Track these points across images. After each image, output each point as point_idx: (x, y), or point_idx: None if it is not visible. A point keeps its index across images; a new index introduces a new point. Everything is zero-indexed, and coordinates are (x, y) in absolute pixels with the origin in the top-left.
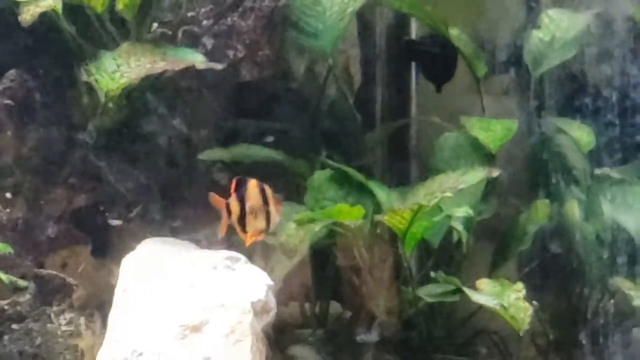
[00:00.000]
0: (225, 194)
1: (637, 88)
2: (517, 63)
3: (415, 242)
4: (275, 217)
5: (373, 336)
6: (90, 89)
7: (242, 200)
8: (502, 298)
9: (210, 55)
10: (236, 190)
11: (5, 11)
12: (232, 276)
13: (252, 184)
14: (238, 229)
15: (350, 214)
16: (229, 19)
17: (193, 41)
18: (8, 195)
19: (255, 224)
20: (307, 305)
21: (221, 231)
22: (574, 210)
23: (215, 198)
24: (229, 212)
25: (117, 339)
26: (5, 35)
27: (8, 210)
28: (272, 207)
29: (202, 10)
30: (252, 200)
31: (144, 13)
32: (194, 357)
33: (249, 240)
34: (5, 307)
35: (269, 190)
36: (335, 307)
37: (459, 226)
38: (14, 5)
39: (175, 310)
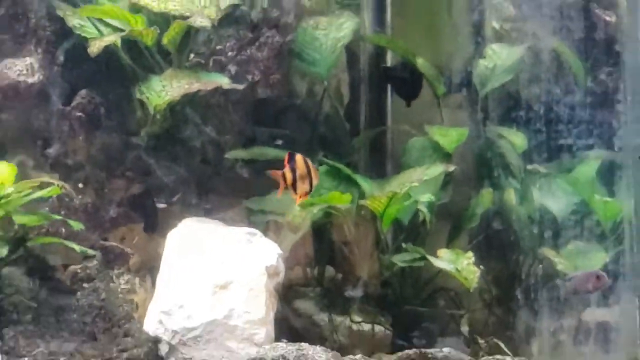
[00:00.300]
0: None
1: (559, 104)
2: (468, 84)
3: (391, 221)
4: (315, 182)
5: (358, 292)
6: (143, 104)
7: (293, 170)
8: (457, 263)
9: (233, 78)
10: (288, 162)
11: (77, 45)
12: (250, 247)
13: (299, 158)
14: (291, 191)
15: (341, 200)
16: (248, 51)
17: (220, 68)
18: (80, 185)
19: (303, 187)
20: (308, 270)
21: (279, 193)
22: (511, 196)
23: (273, 172)
24: (285, 180)
25: (163, 295)
26: (77, 63)
27: (80, 197)
28: (313, 175)
29: (228, 44)
30: (300, 170)
31: (183, 46)
32: (222, 308)
33: (299, 199)
34: (78, 271)
35: (310, 162)
36: (330, 270)
37: (423, 209)
38: (84, 40)
39: (207, 273)
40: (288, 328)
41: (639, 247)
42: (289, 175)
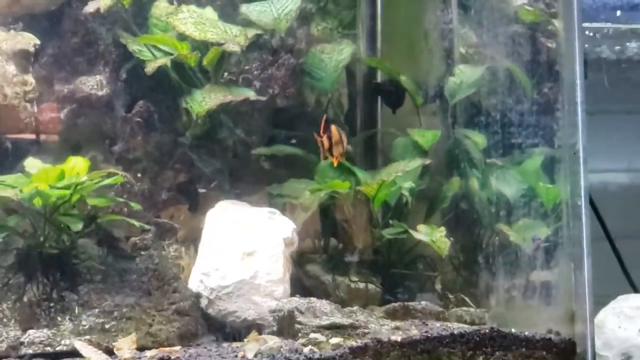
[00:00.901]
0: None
1: (511, 111)
2: (440, 96)
3: (380, 203)
4: (347, 146)
5: (355, 258)
6: (187, 112)
7: (329, 138)
8: (432, 236)
9: (258, 91)
10: (324, 132)
11: (136, 65)
12: (271, 223)
13: (334, 128)
14: (329, 154)
15: (342, 186)
16: (269, 70)
17: (248, 83)
18: (138, 175)
19: (338, 150)
20: (316, 241)
21: (321, 158)
22: (474, 184)
23: (316, 136)
24: (323, 145)
25: (203, 260)
26: (136, 79)
27: (139, 184)
28: (344, 140)
29: (253, 65)
30: (335, 136)
31: (219, 66)
32: (249, 270)
33: (335, 161)
34: (137, 242)
35: (342, 131)
36: (333, 241)
37: (406, 193)
38: (141, 62)
39: (237, 243)
40: (300, 286)
41: (573, 223)
42: (326, 142)
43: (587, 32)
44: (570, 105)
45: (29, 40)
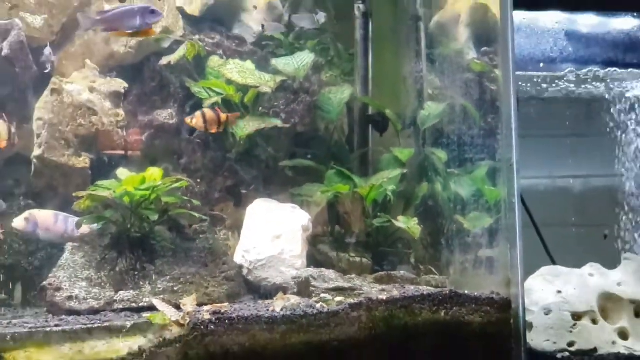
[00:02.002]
0: None
1: (465, 135)
2: (414, 124)
3: (371, 200)
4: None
5: (353, 240)
6: (233, 135)
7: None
8: (408, 224)
9: (284, 120)
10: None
11: (197, 102)
12: (293, 215)
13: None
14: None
15: (343, 188)
16: (292, 105)
17: (276, 115)
18: (198, 180)
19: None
20: (325, 227)
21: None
22: (438, 187)
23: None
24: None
25: (244, 241)
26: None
27: (198, 187)
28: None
29: (280, 101)
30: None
31: (255, 103)
32: (277, 248)
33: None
34: (197, 228)
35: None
36: (337, 228)
37: (389, 193)
38: (201, 99)
39: (269, 229)
40: (314, 260)
41: (509, 215)
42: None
43: (519, 79)
44: (507, 130)
45: (120, 84)
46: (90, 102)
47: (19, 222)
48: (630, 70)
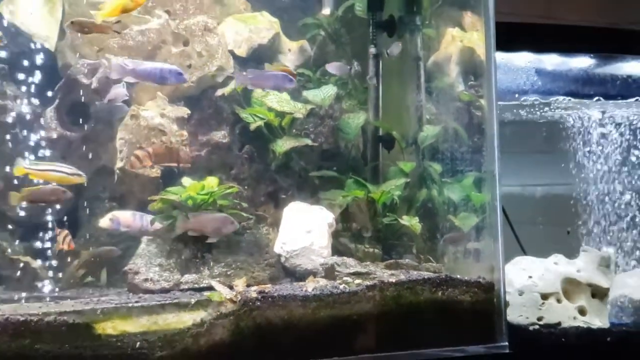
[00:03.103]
0: None
1: (456, 151)
2: (415, 143)
3: (382, 203)
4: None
5: (367, 235)
6: (273, 152)
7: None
8: (411, 221)
9: (313, 140)
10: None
11: (244, 125)
12: (321, 214)
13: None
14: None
15: (360, 193)
16: (319, 128)
17: (307, 135)
18: (246, 187)
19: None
20: (345, 224)
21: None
22: (434, 192)
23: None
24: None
25: (282, 236)
26: (244, 133)
27: (245, 192)
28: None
29: (310, 125)
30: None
31: (291, 126)
32: (308, 241)
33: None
34: (245, 225)
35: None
36: (355, 225)
37: (396, 197)
38: (248, 123)
39: (301, 226)
40: (336, 251)
41: (491, 215)
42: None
43: (499, 107)
44: (490, 148)
45: (184, 111)
46: (161, 125)
47: (104, 222)
48: (585, 100)
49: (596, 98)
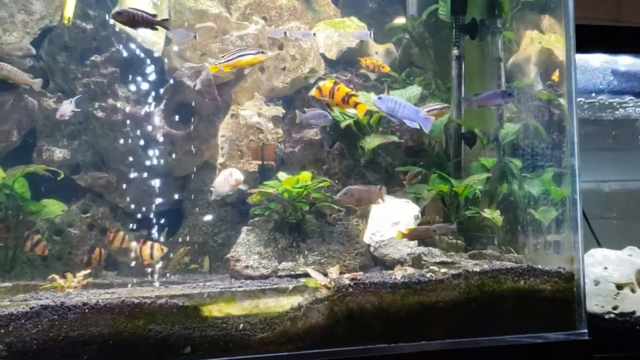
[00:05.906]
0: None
1: (536, 148)
2: (496, 140)
3: (464, 196)
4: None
5: (451, 226)
6: (362, 148)
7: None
8: (492, 214)
9: (399, 137)
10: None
11: (335, 123)
12: (407, 207)
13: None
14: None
15: (444, 188)
16: (404, 126)
17: (393, 133)
18: (336, 181)
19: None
20: (428, 216)
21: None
22: (515, 187)
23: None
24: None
25: (371, 227)
26: (336, 131)
27: (336, 186)
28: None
29: (396, 124)
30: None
31: (378, 124)
32: (395, 232)
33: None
34: (335, 216)
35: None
36: (439, 217)
37: (478, 191)
38: (338, 122)
39: (389, 218)
40: (422, 241)
41: (571, 209)
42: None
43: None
44: (570, 144)
45: (279, 110)
46: (258, 124)
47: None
48: None
49: None
